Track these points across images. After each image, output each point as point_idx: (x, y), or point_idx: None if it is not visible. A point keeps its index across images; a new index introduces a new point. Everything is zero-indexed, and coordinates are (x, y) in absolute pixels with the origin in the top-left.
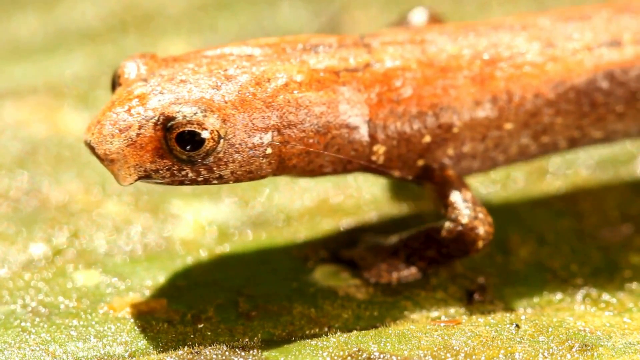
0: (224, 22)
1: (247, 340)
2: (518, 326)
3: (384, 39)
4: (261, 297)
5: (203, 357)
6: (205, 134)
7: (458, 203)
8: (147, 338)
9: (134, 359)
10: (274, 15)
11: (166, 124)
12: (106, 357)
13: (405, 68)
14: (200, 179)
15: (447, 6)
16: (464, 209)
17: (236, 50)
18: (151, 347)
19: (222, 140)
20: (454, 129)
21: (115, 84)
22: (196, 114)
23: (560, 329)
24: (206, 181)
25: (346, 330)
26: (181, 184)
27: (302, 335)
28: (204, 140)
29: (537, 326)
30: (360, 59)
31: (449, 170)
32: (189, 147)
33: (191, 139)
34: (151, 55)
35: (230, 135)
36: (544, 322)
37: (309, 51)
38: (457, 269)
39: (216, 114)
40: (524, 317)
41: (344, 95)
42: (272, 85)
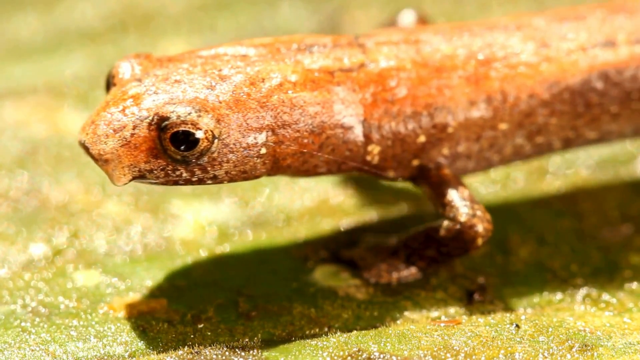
0: (223, 22)
1: (247, 340)
2: (518, 326)
3: (378, 39)
4: (261, 297)
5: (203, 357)
6: (199, 134)
7: (456, 201)
8: (147, 338)
9: (134, 359)
10: (274, 15)
11: (160, 124)
12: (106, 357)
13: (399, 68)
14: (194, 179)
15: (447, 6)
16: (462, 207)
17: (231, 50)
18: (151, 347)
19: (216, 140)
20: (448, 129)
21: (109, 84)
22: (190, 114)
23: (560, 329)
24: (200, 181)
25: (346, 330)
26: (175, 184)
27: (302, 335)
28: (198, 140)
29: (537, 326)
30: (355, 59)
31: (445, 169)
32: (183, 147)
33: (185, 139)
34: (146, 55)
35: (225, 135)
36: (544, 322)
37: (303, 51)
38: (457, 269)
39: (210, 114)
40: (524, 317)
41: (338, 95)
42: (266, 85)
